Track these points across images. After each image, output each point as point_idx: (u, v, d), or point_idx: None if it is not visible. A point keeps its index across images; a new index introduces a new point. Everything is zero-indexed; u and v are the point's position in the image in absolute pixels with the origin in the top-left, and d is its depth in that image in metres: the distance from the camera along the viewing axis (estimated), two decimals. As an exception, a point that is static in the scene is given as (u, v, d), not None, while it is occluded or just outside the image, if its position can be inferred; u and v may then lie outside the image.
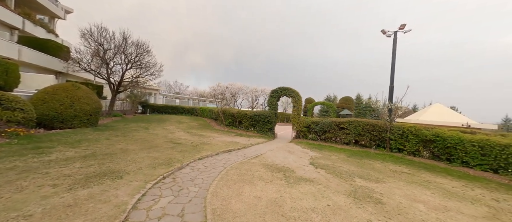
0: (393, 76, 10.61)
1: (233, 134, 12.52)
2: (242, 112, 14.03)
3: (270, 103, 13.23)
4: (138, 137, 8.78)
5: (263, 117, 12.96)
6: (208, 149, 7.79)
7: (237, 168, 5.74)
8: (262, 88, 46.22)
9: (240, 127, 14.58)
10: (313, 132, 11.98)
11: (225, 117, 15.38)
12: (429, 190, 5.17)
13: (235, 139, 10.80)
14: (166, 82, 57.02)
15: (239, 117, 14.30)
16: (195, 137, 10.27)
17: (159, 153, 6.44)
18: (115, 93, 15.85)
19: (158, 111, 24.14)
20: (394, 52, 10.57)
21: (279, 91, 13.04)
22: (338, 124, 11.04)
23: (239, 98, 49.01)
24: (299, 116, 12.31)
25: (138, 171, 4.64)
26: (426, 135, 8.41)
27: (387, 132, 9.65)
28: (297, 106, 12.42)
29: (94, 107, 9.95)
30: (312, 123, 11.84)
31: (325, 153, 9.03)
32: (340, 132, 11.01)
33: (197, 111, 24.89)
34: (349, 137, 10.67)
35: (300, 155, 8.41)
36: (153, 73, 16.78)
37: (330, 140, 11.46)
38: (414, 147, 9.01)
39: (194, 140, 9.36)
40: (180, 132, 11.80)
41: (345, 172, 6.13)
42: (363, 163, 7.66)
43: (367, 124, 10.21)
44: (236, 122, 14.87)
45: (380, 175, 6.15)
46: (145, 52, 15.61)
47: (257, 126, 13.42)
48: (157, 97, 29.74)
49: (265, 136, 12.64)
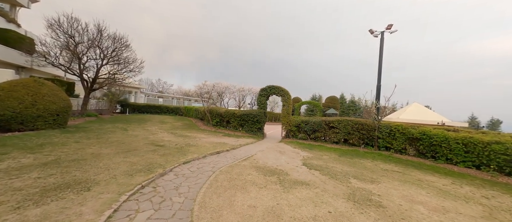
0: (380, 76, 10.79)
1: (221, 134, 11.94)
2: (230, 111, 13.50)
3: (259, 102, 12.84)
4: (114, 139, 7.90)
5: (252, 116, 12.55)
6: (194, 151, 7.19)
7: (227, 172, 5.26)
8: (249, 88, 45.79)
9: (228, 126, 14.03)
10: (303, 131, 11.81)
11: (212, 117, 14.72)
12: (423, 189, 5.11)
13: (223, 140, 10.25)
14: (148, 81, 54.27)
15: (227, 117, 13.74)
16: (180, 138, 9.56)
17: (138, 157, 5.74)
18: (89, 91, 14.44)
19: (139, 111, 22.69)
20: (381, 52, 10.75)
21: (268, 90, 12.70)
22: (328, 123, 10.97)
23: (226, 97, 48.21)
24: (289, 115, 12.08)
25: (111, 180, 3.98)
26: (412, 133, 8.57)
27: (375, 131, 9.73)
28: (287, 105, 12.18)
29: (62, 106, 8.82)
30: (302, 122, 11.66)
31: (316, 153, 8.85)
32: (330, 131, 10.95)
33: (182, 110, 23.80)
34: (338, 136, 10.63)
35: (291, 155, 8.13)
36: (133, 70, 15.56)
37: (319, 139, 11.36)
38: (401, 145, 9.17)
39: (178, 142, 8.67)
40: (163, 132, 10.97)
41: (339, 173, 5.93)
42: (354, 162, 7.57)
43: (356, 123, 10.23)
44: (223, 122, 14.28)
45: (373, 175, 6.03)
46: (124, 46, 14.40)
47: (246, 126, 12.97)
48: (138, 96, 27.99)
49: (255, 136, 12.23)
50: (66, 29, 12.49)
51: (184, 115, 23.31)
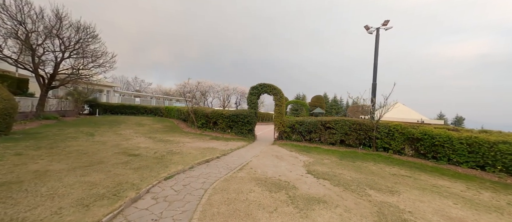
0: (375, 74, 10.46)
1: (208, 138, 10.69)
2: (218, 111, 12.27)
3: (249, 102, 11.81)
4: (73, 149, 6.30)
5: (243, 117, 11.48)
6: (179, 160, 5.93)
7: (223, 189, 4.16)
8: (234, 87, 44.48)
9: (215, 128, 12.78)
10: (297, 133, 11.05)
11: (197, 118, 13.33)
12: (447, 198, 4.54)
13: (211, 144, 9.04)
14: (123, 79, 50.02)
15: (214, 117, 12.48)
16: (160, 144, 8.15)
17: (102, 174, 4.37)
18: (46, 89, 12.16)
19: (112, 111, 20.28)
20: (376, 49, 10.41)
21: (259, 88, 11.73)
22: (324, 123, 10.33)
23: (210, 97, 46.31)
24: (282, 115, 11.24)
25: (52, 217, 2.67)
26: (413, 133, 8.22)
27: (373, 131, 9.29)
28: (280, 105, 11.32)
29: (3, 108, 6.92)
30: (296, 123, 10.89)
31: (316, 156, 8.09)
32: (326, 132, 10.32)
33: (162, 111, 21.83)
34: (335, 137, 10.04)
35: (290, 160, 7.25)
36: (102, 65, 13.51)
37: (315, 140, 10.69)
38: (400, 145, 8.82)
39: (158, 148, 7.30)
40: (139, 137, 9.41)
41: (351, 182, 5.17)
42: (358, 167, 6.94)
43: (353, 123, 9.71)
44: (210, 123, 12.99)
45: (386, 182, 5.38)
46: (90, 37, 12.36)
47: (235, 127, 11.85)
48: (111, 95, 25.20)
49: (245, 138, 11.19)
50: (14, 14, 10.23)
51: (165, 116, 21.38)
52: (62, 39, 11.69)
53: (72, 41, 11.94)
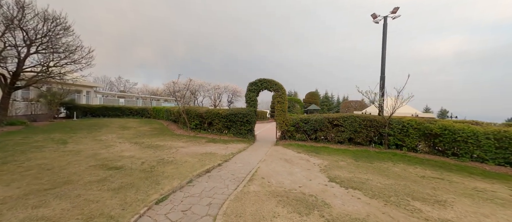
0: (384, 66, 9.78)
1: (204, 140, 9.51)
2: (213, 111, 11.09)
3: (248, 99, 10.74)
4: (35, 163, 4.95)
5: (241, 116, 10.39)
6: (173, 173, 4.78)
7: (237, 214, 3.11)
8: (225, 85, 43.11)
9: (210, 129, 11.59)
10: (301, 131, 10.16)
11: (190, 118, 12.06)
12: (505, 207, 3.79)
13: (208, 148, 7.90)
14: (105, 79, 46.88)
15: (208, 117, 11.28)
16: (148, 151, 6.90)
17: (67, 201, 3.16)
18: (8, 90, 10.36)
19: (93, 114, 18.43)
20: (384, 39, 9.72)
21: (259, 84, 10.69)
22: (331, 120, 9.50)
23: (200, 96, 44.63)
24: (284, 113, 10.28)
25: None
26: (431, 128, 7.58)
27: (386, 127, 8.59)
28: (282, 102, 10.36)
29: None
30: (301, 121, 9.99)
31: (328, 158, 7.23)
32: (334, 129, 9.51)
33: (149, 112, 20.21)
34: (344, 135, 9.25)
35: (303, 164, 6.31)
36: (78, 61, 11.83)
37: (321, 139, 9.85)
38: (414, 142, 8.18)
39: (146, 157, 6.06)
40: (123, 143, 8.07)
41: (384, 190, 4.31)
42: (379, 168, 6.15)
43: (364, 119, 8.96)
44: (204, 124, 11.78)
45: (422, 188, 4.59)
46: (61, 29, 10.68)
47: (233, 128, 10.75)
48: (91, 97, 23.04)
49: (245, 139, 10.13)
50: (-39, -1, 8.42)
51: (153, 117, 19.79)
52: (26, 31, 9.95)
53: (39, 34, 10.22)
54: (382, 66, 9.80)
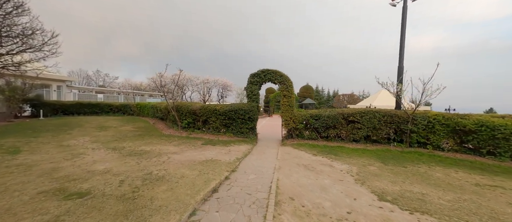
0: (402, 54, 8.78)
1: (200, 142, 8.00)
2: (209, 107, 9.53)
3: (250, 93, 9.33)
4: (-51, 191, 3.24)
5: (242, 113, 8.97)
6: (167, 199, 3.32)
7: None
8: (214, 79, 40.92)
9: (205, 128, 10.07)
10: (311, 129, 8.98)
11: (181, 116, 10.41)
12: None
13: (207, 153, 6.45)
14: (82, 73, 42.72)
15: (204, 115, 9.73)
16: (131, 161, 5.32)
17: None
18: None
19: (66, 112, 16.08)
20: (403, 24, 8.67)
21: (262, 75, 9.28)
22: (346, 116, 8.39)
23: (188, 90, 42.25)
24: (292, 108, 9.01)
25: None
26: (464, 124, 6.69)
27: (408, 123, 7.63)
28: (289, 95, 9.07)
29: None
30: (311, 118, 8.78)
31: (352, 161, 6.11)
32: (349, 126, 8.42)
33: (132, 108, 18.12)
34: (360, 133, 8.20)
35: (330, 172, 5.11)
36: (39, 49, 9.64)
37: (333, 137, 8.73)
38: (441, 139, 7.31)
39: (127, 172, 4.50)
40: (98, 150, 6.38)
41: (465, 215, 3.20)
42: (420, 174, 5.14)
43: (384, 115, 7.94)
44: (198, 122, 10.22)
45: (497, 205, 3.56)
46: (13, 8, 8.46)
47: (233, 126, 9.31)
48: (63, 92, 20.28)
49: (246, 140, 8.77)
50: None
51: (137, 114, 17.75)
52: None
53: (-19, 11, 7.98)
54: (400, 53, 8.79)
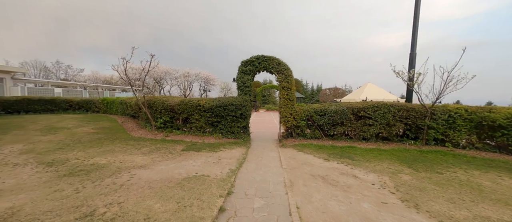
0: (415, 40, 7.77)
1: (179, 147, 6.21)
2: (191, 102, 7.66)
3: (242, 84, 7.68)
4: None
5: (233, 109, 7.31)
6: None
7: None
8: (196, 72, 38.30)
9: (186, 127, 8.23)
10: (315, 127, 7.66)
11: (155, 114, 8.41)
12: None
13: (190, 164, 4.75)
14: (38, 64, 36.85)
15: (184, 112, 7.86)
16: (66, 187, 3.42)
17: None
18: None
19: (8, 110, 12.96)
20: (417, 9, 7.63)
21: (256, 63, 7.65)
22: (355, 111, 7.20)
23: (167, 85, 38.96)
24: (292, 103, 7.57)
25: None
26: (493, 118, 5.83)
27: (426, 118, 6.66)
28: (289, 87, 7.60)
29: None
30: (315, 113, 7.44)
31: (374, 168, 4.90)
32: (358, 122, 7.25)
33: (97, 105, 15.37)
34: (372, 130, 7.07)
35: (359, 188, 3.78)
36: None
37: (339, 136, 7.52)
38: (462, 136, 6.46)
39: (48, 212, 2.66)
40: (22, 165, 4.31)
41: None
42: (465, 183, 4.08)
43: (400, 109, 6.87)
44: (177, 121, 8.34)
45: None
46: None
47: (221, 125, 7.62)
48: (7, 86, 16.58)
49: (238, 141, 7.18)
50: None
51: (103, 111, 15.07)
52: None
53: None
54: (412, 40, 7.79)
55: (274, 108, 31.66)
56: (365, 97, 17.08)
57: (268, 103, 44.34)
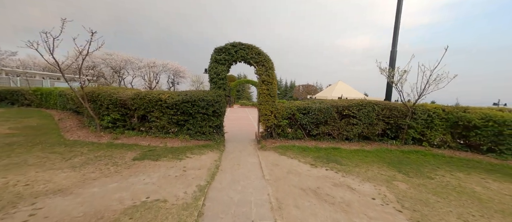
0: (396, 39, 7.59)
1: (130, 155, 4.74)
2: (149, 96, 6.09)
3: (215, 76, 6.44)
4: None
5: (204, 105, 6.05)
6: None
7: None
8: (164, 63, 34.72)
9: (144, 127, 6.66)
10: (297, 126, 6.94)
11: (99, 109, 6.56)
12: None
13: (140, 180, 3.44)
14: None
15: (140, 108, 6.25)
16: None
17: None
18: None
19: None
20: (399, 7, 7.41)
21: (233, 51, 6.48)
22: (340, 110, 6.68)
23: (128, 75, 34.50)
24: (274, 99, 6.67)
25: None
26: (469, 119, 5.88)
27: (407, 117, 6.52)
28: (270, 81, 6.66)
29: None
30: (297, 111, 6.70)
31: (368, 175, 4.36)
32: (342, 121, 6.77)
33: (27, 97, 12.21)
34: (355, 129, 6.66)
35: (364, 206, 3.09)
36: None
37: (322, 136, 6.95)
38: (438, 135, 6.50)
39: None
40: None
41: None
42: (458, 189, 3.78)
43: (383, 108, 6.58)
44: (132, 119, 6.68)
45: None
46: None
47: (189, 124, 6.29)
48: None
49: (210, 143, 6.00)
50: None
51: (37, 105, 12.03)
52: None
53: None
54: (394, 38, 7.61)
55: (248, 103, 30.72)
56: (341, 94, 17.31)
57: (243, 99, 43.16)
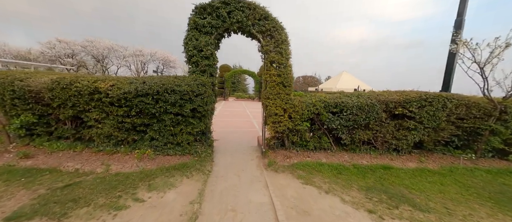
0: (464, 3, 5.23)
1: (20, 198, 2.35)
2: (78, 83, 3.60)
3: (194, 51, 3.98)
4: None
5: (178, 99, 3.61)
6: None
7: None
8: (152, 51, 31.62)
9: (84, 136, 4.20)
10: (322, 131, 4.61)
11: (4, 107, 4.03)
12: None
13: None
14: None
15: (66, 103, 3.76)
16: None
17: None
18: None
19: None
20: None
21: (223, 12, 3.95)
22: (390, 107, 4.36)
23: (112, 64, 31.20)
24: (288, 90, 4.28)
25: None
26: None
27: (491, 118, 4.28)
28: (281, 62, 4.22)
29: None
30: (324, 109, 4.34)
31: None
32: (391, 125, 4.47)
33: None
34: (411, 136, 4.38)
35: None
36: None
37: (357, 144, 4.66)
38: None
39: None
40: None
41: None
42: None
43: (458, 104, 4.29)
44: (58, 123, 4.19)
45: None
46: None
47: (154, 131, 3.86)
48: None
49: (187, 163, 3.64)
50: None
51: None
52: None
53: None
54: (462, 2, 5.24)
55: (244, 96, 28.19)
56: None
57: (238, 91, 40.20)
